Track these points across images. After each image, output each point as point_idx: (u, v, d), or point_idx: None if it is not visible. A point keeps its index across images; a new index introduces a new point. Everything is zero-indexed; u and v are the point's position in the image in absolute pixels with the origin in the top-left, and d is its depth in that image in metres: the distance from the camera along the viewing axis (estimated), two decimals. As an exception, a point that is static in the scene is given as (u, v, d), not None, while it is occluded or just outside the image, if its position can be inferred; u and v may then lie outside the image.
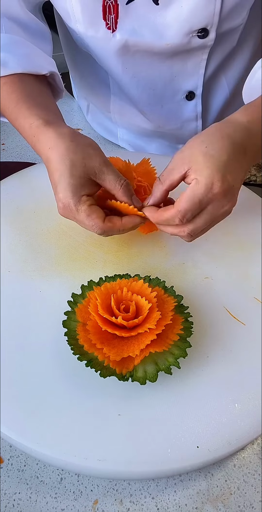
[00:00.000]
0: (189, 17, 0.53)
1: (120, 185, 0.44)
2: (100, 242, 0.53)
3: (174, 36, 0.55)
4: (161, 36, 0.56)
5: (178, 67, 0.61)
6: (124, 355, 0.38)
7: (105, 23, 0.55)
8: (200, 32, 0.55)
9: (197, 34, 0.55)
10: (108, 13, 0.54)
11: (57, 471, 0.41)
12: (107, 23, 0.55)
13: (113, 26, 0.55)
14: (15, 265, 0.51)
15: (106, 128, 0.81)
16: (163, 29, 0.55)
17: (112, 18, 0.54)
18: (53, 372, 0.41)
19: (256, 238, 0.55)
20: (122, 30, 0.56)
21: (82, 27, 0.57)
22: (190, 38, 0.56)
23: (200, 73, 0.63)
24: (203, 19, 0.54)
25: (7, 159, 0.76)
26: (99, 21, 0.55)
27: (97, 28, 0.56)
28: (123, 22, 0.55)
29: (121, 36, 0.56)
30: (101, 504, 0.39)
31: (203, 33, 0.55)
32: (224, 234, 0.55)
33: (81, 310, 0.42)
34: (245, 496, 0.39)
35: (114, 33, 0.56)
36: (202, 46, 0.58)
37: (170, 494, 0.39)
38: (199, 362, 0.43)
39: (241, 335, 0.45)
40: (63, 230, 0.55)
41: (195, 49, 0.58)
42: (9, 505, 0.38)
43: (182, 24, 0.54)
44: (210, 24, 0.54)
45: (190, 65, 0.61)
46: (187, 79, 0.63)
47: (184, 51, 0.58)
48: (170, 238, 0.54)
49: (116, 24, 0.55)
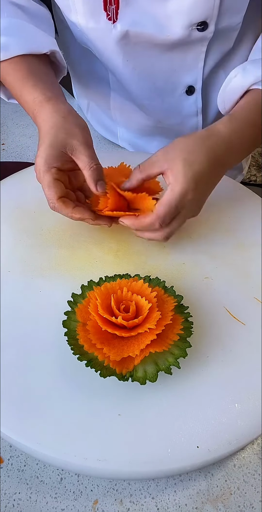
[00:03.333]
0: (190, 9, 0.54)
1: (90, 167, 0.46)
2: (101, 242, 0.54)
3: (174, 28, 0.56)
4: (161, 27, 0.56)
5: (178, 60, 0.61)
6: (125, 355, 0.38)
7: (106, 14, 0.55)
8: (199, 25, 0.56)
9: (197, 27, 0.56)
10: (109, 4, 0.54)
11: (57, 471, 0.41)
12: (108, 14, 0.55)
13: (114, 17, 0.55)
14: (15, 265, 0.51)
15: (106, 127, 0.81)
16: (163, 20, 0.55)
17: (113, 8, 0.55)
18: (53, 372, 0.42)
19: (256, 238, 0.55)
20: (123, 21, 0.56)
21: (83, 18, 0.57)
22: (190, 31, 0.56)
23: (199, 67, 0.63)
24: (203, 12, 0.54)
25: (7, 159, 0.76)
26: (100, 12, 0.55)
27: (98, 19, 0.56)
28: (124, 13, 0.55)
29: (122, 27, 0.56)
30: (101, 504, 0.39)
31: (203, 26, 0.56)
32: (224, 234, 0.55)
33: (81, 310, 0.42)
34: (245, 496, 0.39)
35: (115, 24, 0.56)
36: (201, 38, 0.58)
37: (170, 494, 0.39)
38: (199, 362, 0.43)
39: (241, 335, 0.45)
40: (63, 230, 0.55)
41: (195, 41, 0.58)
42: (9, 505, 0.38)
43: (183, 16, 0.54)
44: (209, 17, 0.55)
45: (189, 58, 0.61)
46: (186, 72, 0.64)
47: (184, 43, 0.58)
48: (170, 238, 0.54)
49: (117, 15, 0.55)
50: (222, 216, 0.57)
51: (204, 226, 0.56)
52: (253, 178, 0.73)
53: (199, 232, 0.55)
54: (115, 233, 0.54)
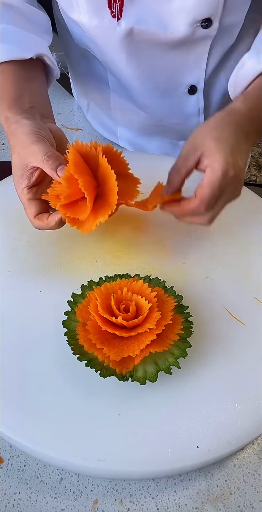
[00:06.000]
0: (194, 6, 0.54)
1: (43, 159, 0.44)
2: (101, 242, 0.53)
3: (179, 25, 0.56)
4: (166, 25, 0.56)
5: (181, 59, 0.61)
6: (125, 355, 0.38)
7: (110, 11, 0.55)
8: (203, 22, 0.55)
9: (201, 24, 0.56)
10: (114, 1, 0.54)
11: (57, 471, 0.41)
12: (112, 11, 0.55)
13: (119, 14, 0.55)
14: (15, 265, 0.51)
15: (106, 126, 0.81)
16: (168, 18, 0.55)
17: (118, 6, 0.55)
18: (53, 372, 0.42)
19: (256, 238, 0.55)
20: (127, 18, 0.56)
21: (86, 16, 0.57)
22: (194, 29, 0.56)
23: (202, 67, 0.63)
24: (207, 9, 0.54)
25: (7, 159, 0.76)
26: (104, 9, 0.55)
27: (102, 17, 0.56)
28: (129, 10, 0.55)
29: (127, 24, 0.56)
30: (101, 504, 0.39)
31: (207, 23, 0.56)
32: (224, 234, 0.55)
33: (81, 310, 0.42)
34: (245, 496, 0.39)
35: (120, 21, 0.56)
36: (205, 36, 0.58)
37: (170, 494, 0.39)
38: (199, 362, 0.43)
39: (241, 335, 0.45)
40: (63, 230, 0.54)
41: (198, 40, 0.58)
42: (9, 505, 0.38)
43: (187, 13, 0.54)
44: (214, 14, 0.55)
45: (192, 57, 0.61)
46: (189, 72, 0.64)
47: (187, 42, 0.58)
48: (170, 238, 0.54)
49: (122, 12, 0.55)
50: (222, 216, 0.57)
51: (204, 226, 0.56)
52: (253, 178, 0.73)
53: (199, 232, 0.55)
54: (116, 233, 0.54)
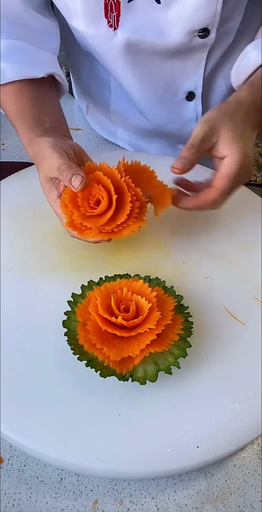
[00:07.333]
0: (191, 16, 0.53)
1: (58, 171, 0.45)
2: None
3: (175, 35, 0.55)
4: (162, 34, 0.56)
5: (178, 67, 0.61)
6: (124, 355, 0.38)
7: (107, 21, 0.55)
8: (201, 32, 0.55)
9: (198, 34, 0.55)
10: (110, 11, 0.54)
11: (57, 471, 0.41)
12: (109, 21, 0.55)
13: (115, 24, 0.55)
14: (15, 265, 0.51)
15: (105, 127, 0.81)
16: (164, 27, 0.55)
17: (114, 16, 0.55)
18: (53, 372, 0.41)
19: (256, 238, 0.55)
20: (124, 28, 0.56)
21: (84, 25, 0.57)
22: (191, 38, 0.56)
23: (200, 73, 0.63)
24: (204, 19, 0.54)
25: (7, 159, 0.76)
26: (101, 19, 0.55)
27: (99, 26, 0.56)
28: (125, 20, 0.55)
29: (123, 34, 0.56)
30: (101, 504, 0.39)
31: (204, 33, 0.55)
32: (224, 234, 0.55)
33: (81, 310, 0.42)
34: (245, 496, 0.39)
35: (116, 31, 0.56)
36: (202, 45, 0.58)
37: (170, 494, 0.39)
38: (199, 362, 0.43)
39: (241, 335, 0.45)
40: (63, 230, 0.54)
41: (196, 48, 0.58)
42: (9, 505, 0.38)
43: (184, 23, 0.54)
44: (211, 24, 0.54)
45: (190, 65, 0.61)
46: (187, 79, 0.63)
47: (185, 50, 0.58)
48: (170, 238, 0.54)
49: (118, 22, 0.55)
50: (222, 216, 0.57)
51: (204, 226, 0.56)
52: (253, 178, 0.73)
53: (199, 232, 0.55)
54: (115, 233, 0.54)
